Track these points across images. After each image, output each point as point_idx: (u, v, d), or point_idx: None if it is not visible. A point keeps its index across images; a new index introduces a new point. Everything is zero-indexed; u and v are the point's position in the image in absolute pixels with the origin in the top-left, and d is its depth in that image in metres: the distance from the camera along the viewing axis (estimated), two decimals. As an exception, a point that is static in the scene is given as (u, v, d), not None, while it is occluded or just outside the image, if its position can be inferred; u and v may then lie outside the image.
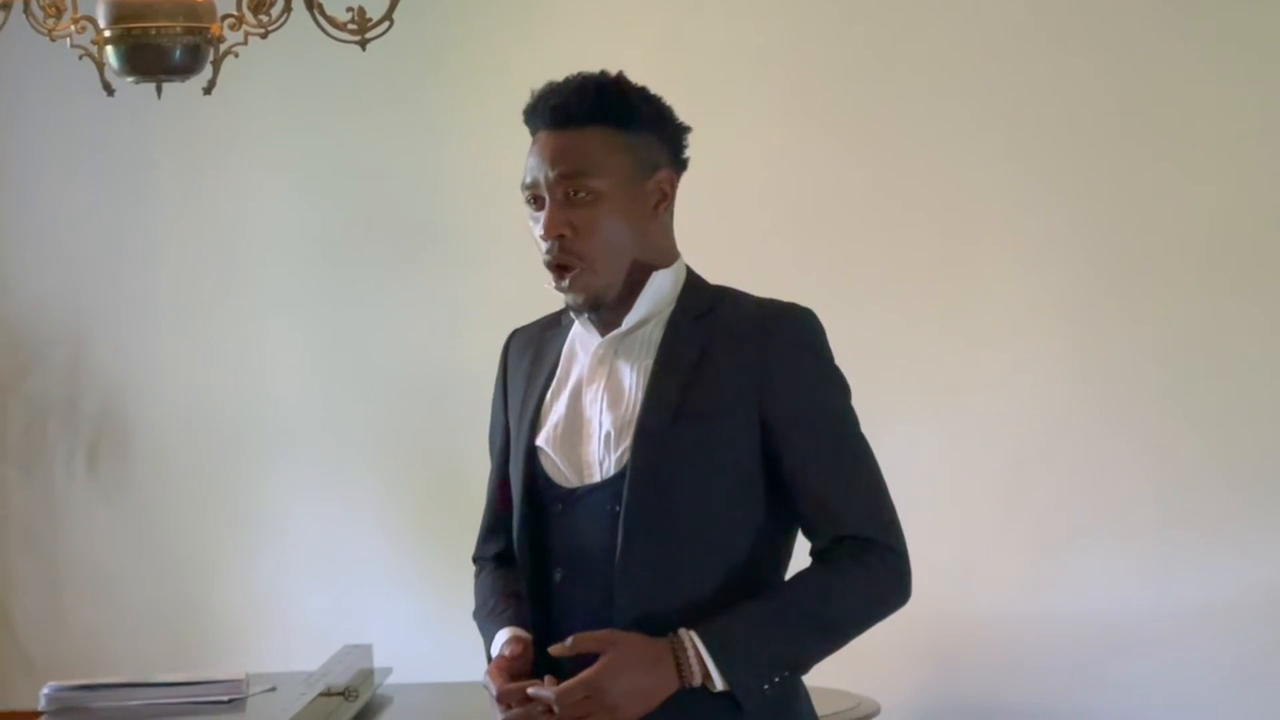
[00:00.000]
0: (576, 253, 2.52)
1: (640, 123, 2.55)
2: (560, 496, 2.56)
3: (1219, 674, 4.51)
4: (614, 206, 2.53)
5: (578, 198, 2.52)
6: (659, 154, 2.57)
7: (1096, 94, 4.67)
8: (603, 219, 2.52)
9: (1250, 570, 4.48)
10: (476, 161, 5.32)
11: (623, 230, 2.53)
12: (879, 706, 4.33)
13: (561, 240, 2.52)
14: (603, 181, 2.52)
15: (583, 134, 2.53)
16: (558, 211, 2.52)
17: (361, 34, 4.06)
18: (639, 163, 2.55)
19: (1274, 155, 4.50)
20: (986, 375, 4.79)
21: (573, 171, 2.52)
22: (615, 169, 2.53)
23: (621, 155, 2.53)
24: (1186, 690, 4.53)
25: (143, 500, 5.64)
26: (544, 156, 2.54)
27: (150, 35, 3.93)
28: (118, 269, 5.65)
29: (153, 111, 4.52)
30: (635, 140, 2.54)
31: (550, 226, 2.52)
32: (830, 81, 4.98)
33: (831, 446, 2.53)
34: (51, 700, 3.84)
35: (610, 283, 2.54)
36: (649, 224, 2.57)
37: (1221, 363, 4.53)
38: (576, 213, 2.52)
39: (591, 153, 2.52)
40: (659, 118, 2.58)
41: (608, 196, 2.52)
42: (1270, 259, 4.49)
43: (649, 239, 2.57)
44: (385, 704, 4.10)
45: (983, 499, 4.78)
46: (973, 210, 4.81)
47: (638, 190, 2.55)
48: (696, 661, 2.43)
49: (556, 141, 2.54)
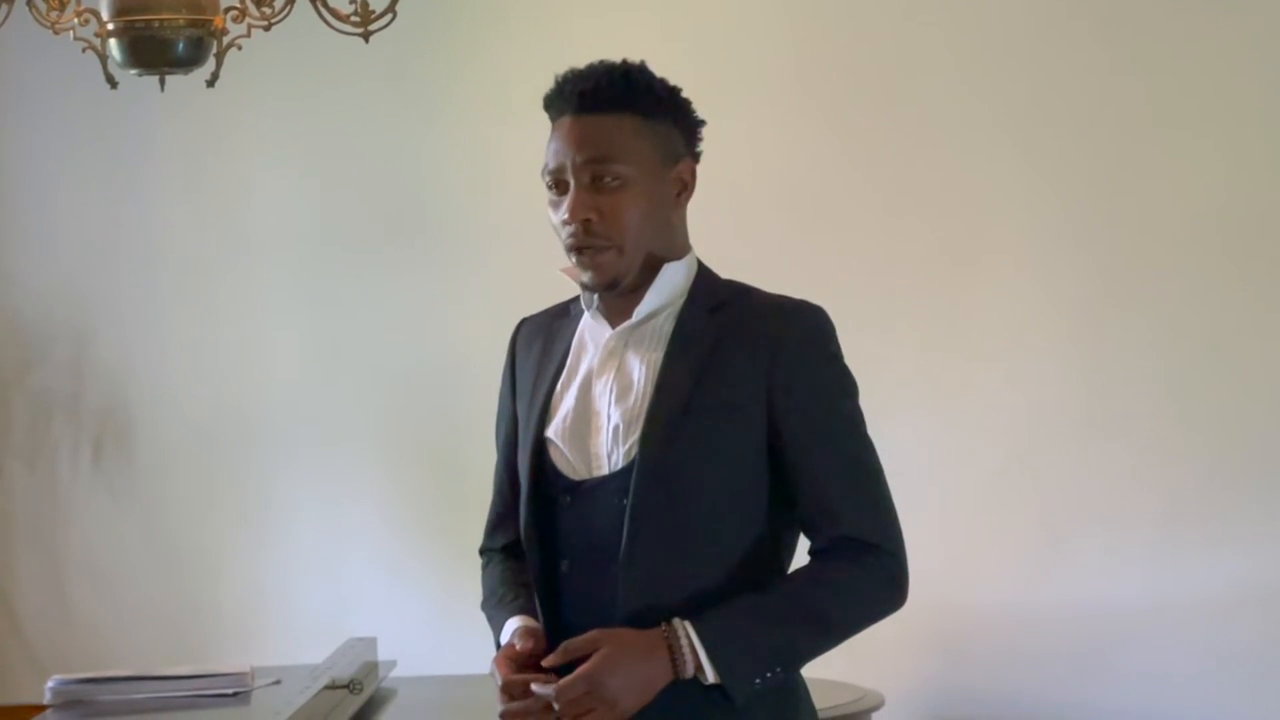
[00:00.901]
0: (603, 236, 2.52)
1: (663, 112, 2.55)
2: (568, 488, 2.55)
3: (1218, 665, 4.50)
4: (640, 193, 2.52)
5: (604, 183, 2.51)
6: (679, 144, 2.57)
7: (1099, 92, 4.66)
8: (629, 205, 2.51)
9: (1248, 563, 4.48)
10: (479, 154, 5.32)
11: (647, 217, 2.53)
12: (883, 699, 4.32)
13: (587, 224, 2.51)
14: (630, 168, 2.51)
15: (609, 120, 2.52)
16: (584, 196, 2.51)
17: (364, 26, 4.07)
18: (663, 151, 2.54)
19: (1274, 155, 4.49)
20: (989, 370, 4.78)
21: (601, 156, 2.51)
22: (641, 156, 2.52)
23: (647, 142, 2.53)
24: (1186, 681, 4.53)
25: (147, 494, 5.64)
26: (569, 141, 2.53)
27: (153, 28, 3.93)
28: (121, 263, 5.65)
29: (156, 105, 4.52)
30: (659, 128, 2.54)
31: (575, 210, 2.51)
32: (831, 78, 4.97)
33: (836, 446, 2.52)
34: (56, 694, 3.84)
35: (631, 267, 2.54)
36: (671, 213, 2.57)
37: (1221, 360, 4.53)
38: (603, 198, 2.51)
39: (619, 138, 2.51)
40: (680, 109, 2.58)
41: (634, 182, 2.52)
42: (1270, 259, 4.48)
43: (669, 229, 2.57)
44: (390, 697, 4.09)
45: (985, 493, 4.78)
46: (973, 208, 4.81)
47: (662, 178, 2.55)
48: (690, 652, 2.43)
49: (583, 127, 2.52)
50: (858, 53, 4.95)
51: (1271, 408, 4.48)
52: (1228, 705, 4.51)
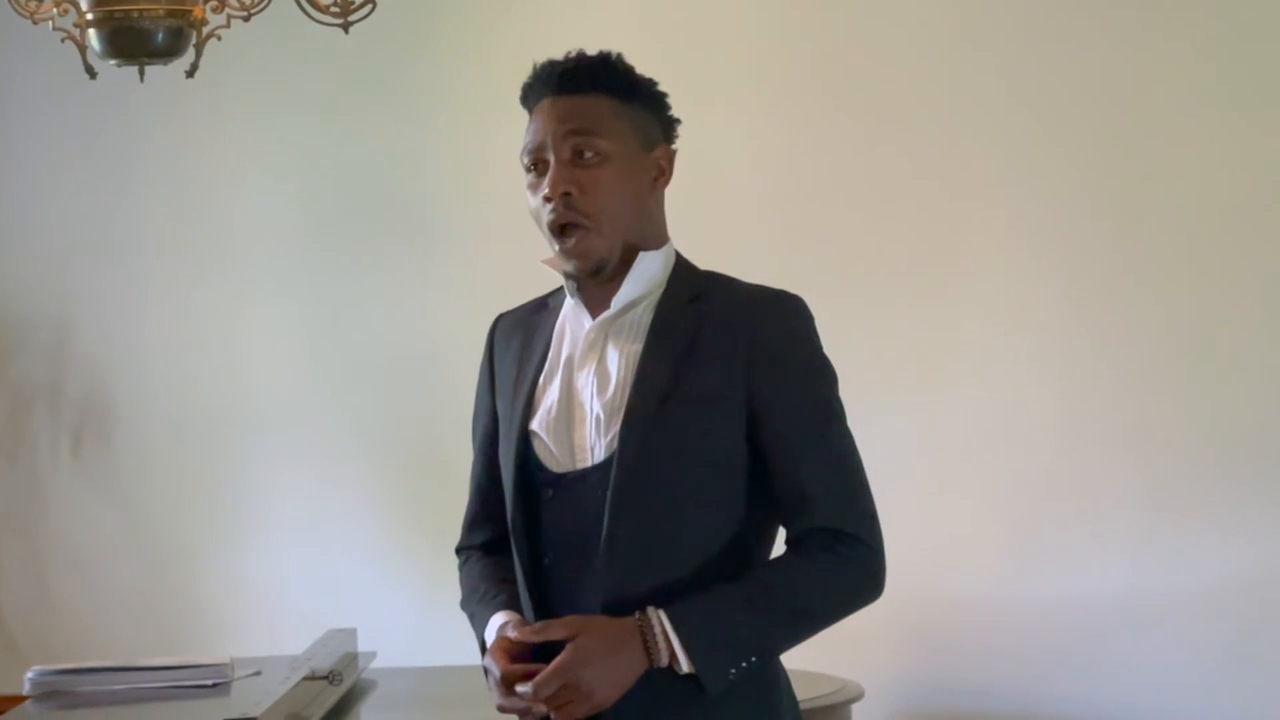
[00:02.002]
0: (583, 211, 2.52)
1: (641, 98, 2.57)
2: (550, 481, 2.56)
3: (1201, 656, 4.51)
4: (619, 171, 2.53)
5: (585, 159, 2.52)
6: (656, 131, 2.59)
7: (1078, 88, 4.66)
8: (608, 180, 2.52)
9: (1232, 553, 4.48)
10: (461, 146, 5.32)
11: (626, 197, 2.54)
12: (863, 690, 4.33)
13: (567, 198, 2.52)
14: (609, 144, 2.53)
15: (588, 99, 2.54)
16: (564, 170, 2.52)
17: (344, 17, 4.06)
18: (641, 134, 2.56)
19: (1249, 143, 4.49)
20: (970, 360, 4.79)
21: (582, 129, 2.52)
22: (621, 134, 2.54)
23: (625, 124, 2.55)
24: (1169, 672, 4.54)
25: (127, 485, 5.63)
26: (550, 118, 2.55)
27: (132, 18, 3.93)
28: (102, 253, 5.64)
29: (136, 95, 4.52)
30: (635, 113, 2.56)
31: (556, 184, 2.52)
32: (812, 70, 4.98)
33: (814, 436, 2.51)
34: (36, 685, 3.84)
35: (612, 249, 2.54)
36: (647, 198, 2.58)
37: (1203, 348, 4.53)
38: (583, 172, 2.52)
39: (599, 114, 2.54)
40: (656, 100, 2.60)
41: (614, 159, 2.53)
42: (1251, 247, 4.49)
43: (646, 215, 2.58)
44: (369, 688, 4.09)
45: (965, 484, 4.79)
46: (955, 199, 4.81)
47: (640, 160, 2.56)
48: (664, 640, 2.43)
49: (563, 105, 2.55)
50: (834, 47, 4.95)
51: (1251, 399, 4.49)
52: (1209, 695, 4.52)
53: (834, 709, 4.18)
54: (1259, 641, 4.46)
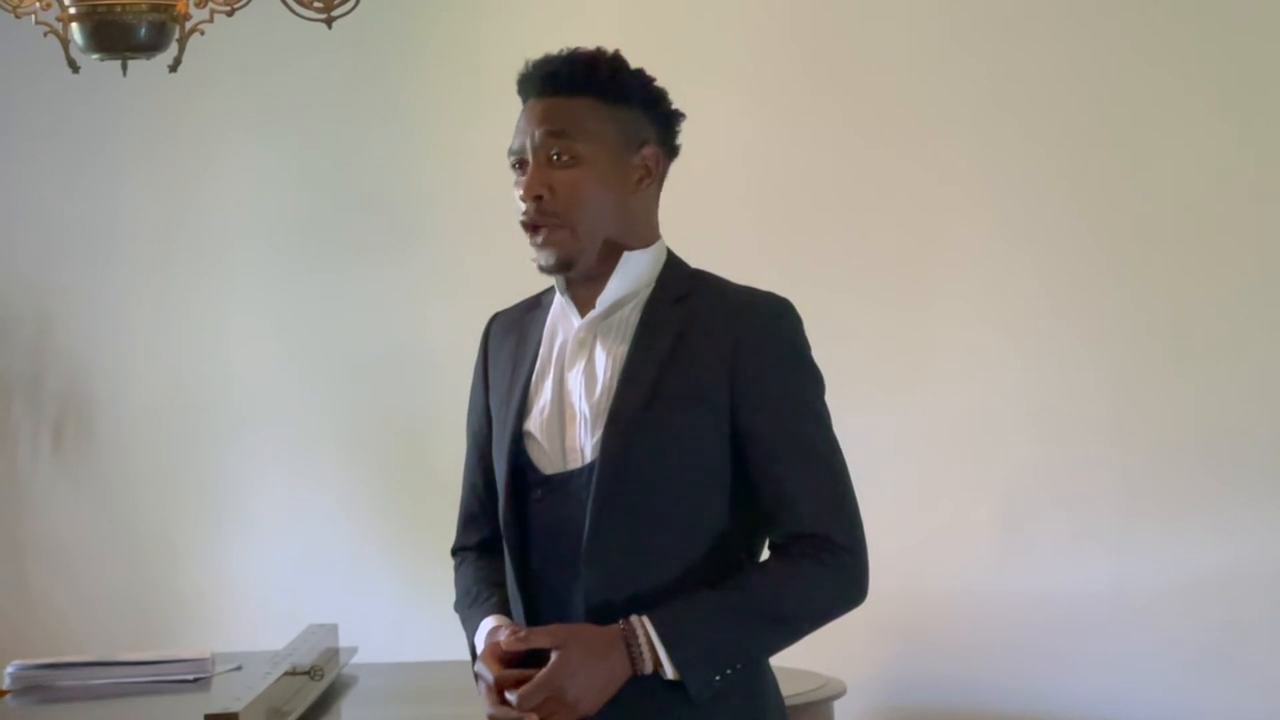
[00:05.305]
0: (553, 213, 2.53)
1: (629, 98, 2.56)
2: (539, 482, 2.55)
3: (1180, 652, 4.52)
4: (595, 173, 2.53)
5: (560, 160, 2.53)
6: (647, 131, 2.58)
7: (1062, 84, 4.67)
8: (582, 183, 2.52)
9: (1211, 550, 4.49)
10: (444, 142, 5.31)
11: (602, 199, 2.54)
12: (845, 687, 4.34)
13: (539, 201, 2.53)
14: (586, 147, 2.53)
15: (570, 101, 2.54)
16: (539, 173, 2.53)
17: (327, 12, 4.05)
18: (625, 135, 2.55)
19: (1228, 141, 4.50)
20: (952, 357, 4.79)
21: (557, 131, 2.53)
22: (599, 137, 2.54)
23: (607, 125, 2.54)
24: (1148, 668, 4.55)
25: (108, 479, 5.62)
26: (531, 120, 2.56)
27: (115, 12, 3.92)
28: (83, 247, 5.63)
29: (119, 89, 4.51)
30: (621, 114, 2.55)
31: (530, 187, 2.53)
32: (798, 70, 4.98)
33: (798, 440, 2.51)
34: (16, 679, 3.83)
35: (584, 248, 2.54)
36: (630, 198, 2.57)
37: (1183, 345, 4.54)
38: (557, 174, 2.53)
39: (577, 117, 2.54)
40: (650, 97, 2.59)
41: (589, 162, 2.53)
42: (1230, 245, 4.50)
43: (629, 215, 2.57)
44: (350, 683, 4.09)
45: (945, 480, 4.79)
46: (939, 199, 4.81)
47: (621, 162, 2.55)
48: (648, 648, 2.42)
49: (544, 106, 2.55)
50: (818, 47, 4.95)
51: (1230, 396, 4.50)
52: (1189, 691, 4.53)
53: (816, 705, 4.18)
54: (1238, 637, 4.47)
